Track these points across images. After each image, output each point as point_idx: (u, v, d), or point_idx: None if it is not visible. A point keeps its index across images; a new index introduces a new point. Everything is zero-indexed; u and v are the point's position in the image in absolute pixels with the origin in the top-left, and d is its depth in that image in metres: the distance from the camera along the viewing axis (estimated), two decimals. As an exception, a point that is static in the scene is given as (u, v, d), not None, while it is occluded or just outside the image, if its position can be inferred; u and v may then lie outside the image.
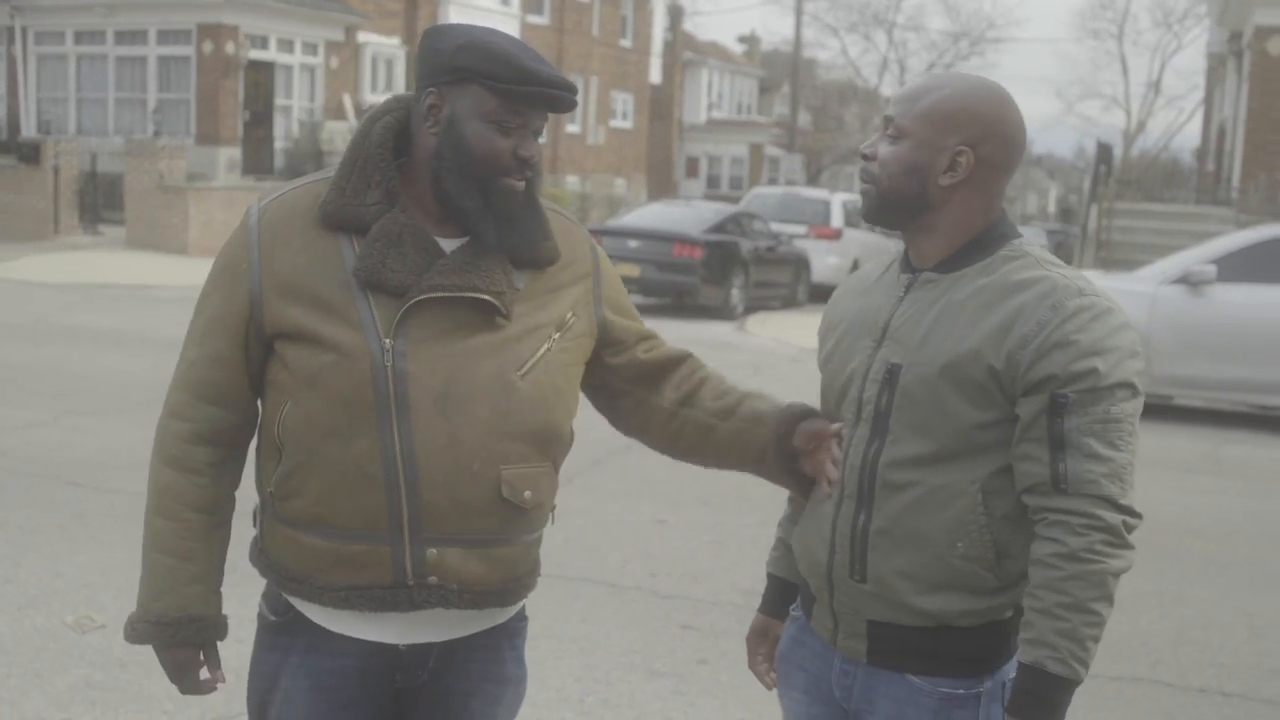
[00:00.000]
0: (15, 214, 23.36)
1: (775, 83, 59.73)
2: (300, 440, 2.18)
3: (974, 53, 60.35)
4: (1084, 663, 2.01)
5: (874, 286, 2.32)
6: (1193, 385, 11.14)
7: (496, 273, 2.20)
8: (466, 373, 2.17)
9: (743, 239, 19.30)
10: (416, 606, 2.20)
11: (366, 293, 2.17)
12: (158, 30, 27.39)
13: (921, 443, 2.12)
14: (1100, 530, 2.01)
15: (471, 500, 2.17)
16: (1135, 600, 6.02)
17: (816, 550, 2.26)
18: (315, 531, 2.20)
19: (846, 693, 2.26)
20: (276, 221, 2.24)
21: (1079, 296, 2.06)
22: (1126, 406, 2.06)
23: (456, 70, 2.16)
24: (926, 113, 2.15)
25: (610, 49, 41.66)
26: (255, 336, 2.23)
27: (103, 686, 4.47)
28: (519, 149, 2.19)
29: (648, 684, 4.78)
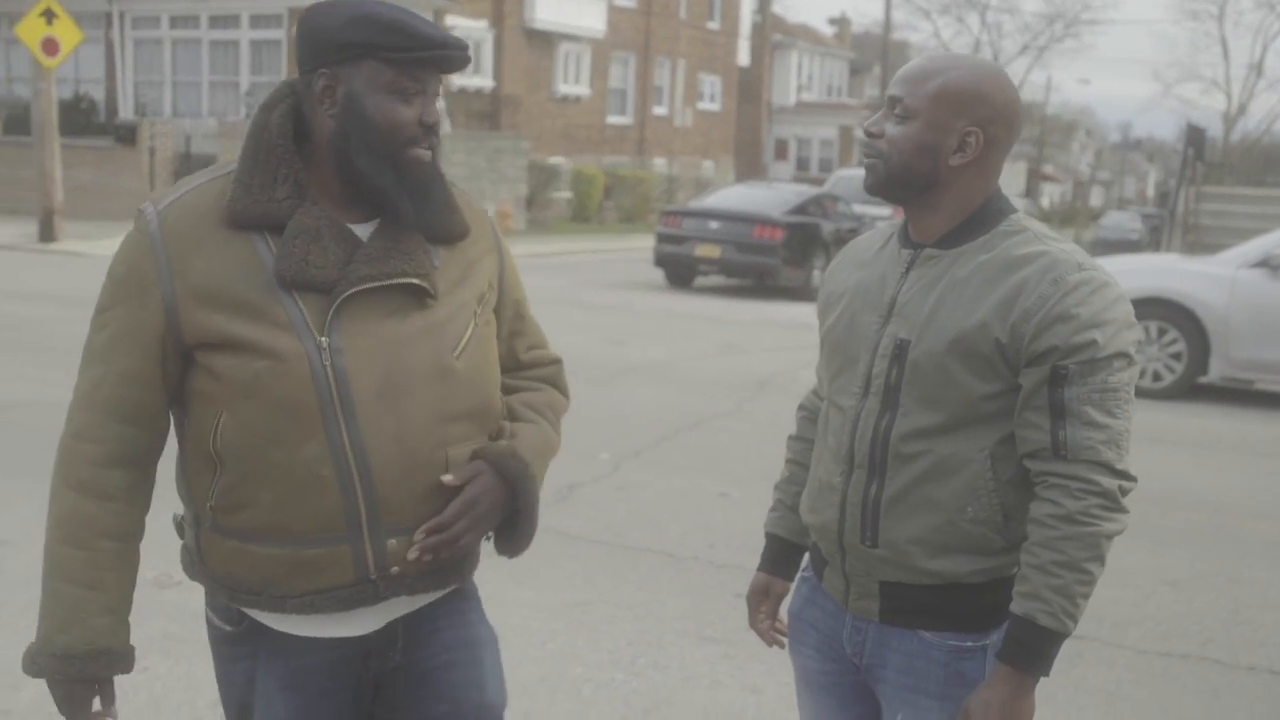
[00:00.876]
0: (112, 194, 23.94)
1: (866, 65, 59.32)
2: (243, 451, 2.10)
3: (1069, 34, 59.61)
4: (1073, 617, 2.10)
5: (874, 260, 2.38)
6: (1272, 370, 10.98)
7: (418, 253, 2.16)
8: (404, 361, 2.13)
9: (824, 220, 19.29)
10: (382, 598, 2.17)
11: (292, 292, 2.09)
12: (250, 15, 27.84)
13: (931, 414, 2.20)
14: (1096, 494, 2.10)
15: (424, 487, 2.15)
16: (1193, 580, 6.03)
17: (827, 517, 2.34)
18: (268, 540, 2.13)
19: (859, 649, 2.35)
20: (181, 225, 2.12)
21: (1078, 271, 2.14)
22: (1123, 376, 2.13)
23: (346, 47, 2.09)
24: (937, 94, 2.20)
25: (698, 31, 41.64)
26: (173, 349, 2.13)
27: (179, 639, 4.65)
28: (423, 116, 2.13)
29: (698, 649, 4.89)
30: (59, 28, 19.09)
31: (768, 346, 13.39)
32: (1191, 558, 6.40)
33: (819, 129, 51.57)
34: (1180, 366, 11.08)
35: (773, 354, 12.78)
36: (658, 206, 31.78)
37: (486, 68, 31.97)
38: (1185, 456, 8.91)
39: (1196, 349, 10.97)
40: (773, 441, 8.44)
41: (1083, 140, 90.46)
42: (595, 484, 7.14)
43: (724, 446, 8.27)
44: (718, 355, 12.53)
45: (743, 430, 8.75)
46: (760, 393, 10.36)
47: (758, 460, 7.85)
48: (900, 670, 2.29)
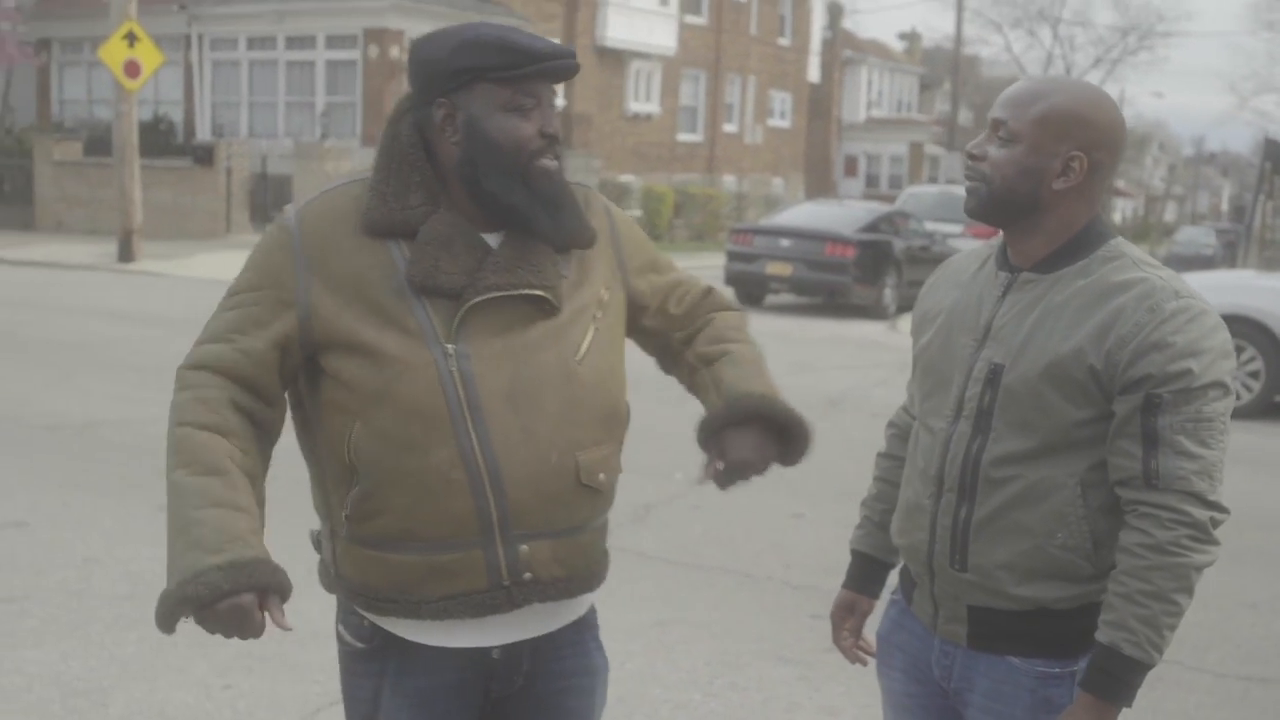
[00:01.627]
0: (190, 213, 24.36)
1: (936, 80, 59.07)
2: (376, 458, 2.14)
3: (1142, 47, 58.98)
4: (1159, 648, 2.11)
5: (971, 281, 2.38)
6: (1352, 388, 10.85)
7: (546, 265, 2.21)
8: (530, 367, 2.17)
9: (896, 238, 19.23)
10: (516, 605, 2.20)
11: (421, 298, 2.15)
12: (325, 35, 28.23)
13: (1023, 439, 2.20)
14: (1187, 525, 2.10)
15: (555, 491, 2.18)
16: (1272, 603, 5.99)
17: (916, 539, 2.36)
18: (403, 548, 2.17)
19: (946, 673, 2.37)
20: (320, 226, 2.20)
21: (1175, 299, 2.14)
22: (1218, 406, 2.13)
23: (459, 73, 2.15)
24: (1041, 118, 2.20)
25: (768, 48, 41.68)
26: (298, 346, 2.18)
27: (260, 657, 4.73)
28: (543, 128, 2.19)
29: (775, 670, 4.92)
30: (140, 50, 19.49)
31: (839, 365, 13.38)
32: (1271, 579, 6.35)
33: (889, 145, 51.38)
34: (1258, 385, 10.96)
35: (844, 372, 12.76)
36: (727, 224, 31.79)
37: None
38: (1264, 476, 8.81)
39: (1275, 367, 10.86)
40: (846, 460, 8.46)
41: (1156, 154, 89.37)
42: (670, 504, 7.18)
43: (797, 466, 8.26)
44: (789, 373, 12.52)
45: (815, 449, 8.71)
46: (833, 411, 10.36)
47: (831, 479, 7.85)
48: (988, 695, 2.31)
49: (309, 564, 5.83)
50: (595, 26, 33.03)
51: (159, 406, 9.72)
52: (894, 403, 10.23)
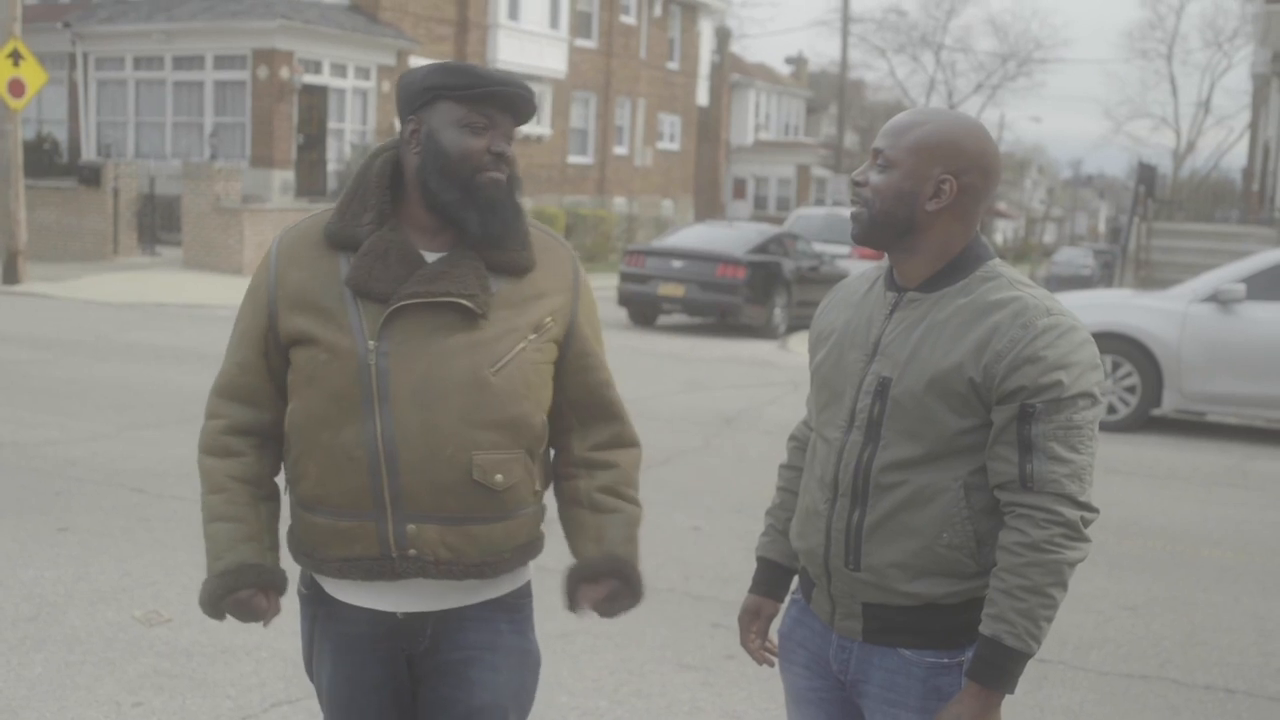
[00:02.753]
0: (76, 235, 23.92)
1: (823, 104, 59.91)
2: (301, 431, 2.50)
3: (1021, 73, 60.39)
4: (1036, 639, 2.26)
5: (862, 301, 2.54)
6: (1223, 401, 11.29)
7: (470, 278, 2.46)
8: (442, 369, 2.43)
9: (785, 259, 19.52)
10: (399, 576, 2.48)
11: (357, 301, 2.45)
12: (214, 56, 27.90)
13: (910, 447, 2.36)
14: (1060, 524, 2.26)
15: (445, 482, 2.44)
16: (1149, 605, 6.25)
17: (813, 542, 2.51)
18: (317, 510, 2.51)
19: (844, 666, 2.52)
20: (291, 246, 2.56)
21: (1047, 316, 2.30)
22: (1087, 414, 2.30)
23: (426, 91, 2.47)
24: (913, 145, 2.37)
25: (658, 71, 42.01)
26: (274, 345, 2.53)
27: (170, 674, 4.77)
28: (491, 145, 2.47)
29: (678, 676, 5.05)
30: (25, 69, 19.17)
31: (732, 383, 13.58)
32: (1149, 583, 6.63)
33: (776, 168, 51.99)
34: (1134, 399, 11.34)
35: (737, 390, 12.97)
36: (618, 246, 31.98)
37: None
38: (1141, 486, 9.16)
39: (1150, 382, 11.25)
40: (741, 476, 8.66)
41: (1035, 177, 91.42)
42: (571, 519, 7.24)
43: (693, 481, 8.43)
44: (683, 392, 12.71)
45: (711, 465, 8.93)
46: (727, 428, 10.54)
47: (727, 494, 8.04)
48: (882, 686, 2.45)
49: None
50: (486, 49, 33.06)
51: (52, 429, 9.61)
52: (786, 420, 10.62)
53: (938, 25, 62.21)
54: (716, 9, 46.03)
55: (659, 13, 41.75)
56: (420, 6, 31.06)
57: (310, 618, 2.66)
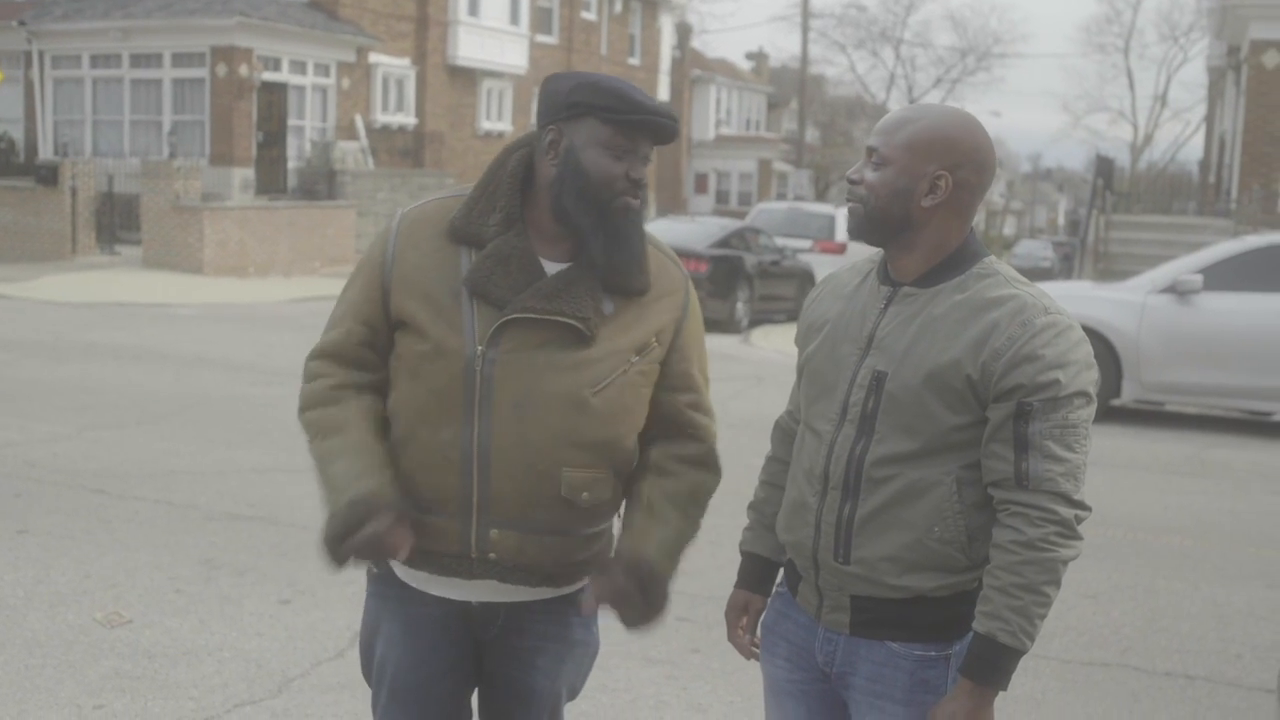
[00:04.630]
0: (34, 235, 23.70)
1: (783, 99, 60.02)
2: (401, 419, 2.52)
3: (980, 68, 60.69)
4: (1030, 636, 2.27)
5: (854, 294, 2.53)
6: (1181, 391, 11.40)
7: (585, 299, 2.46)
8: (544, 385, 2.45)
9: (747, 254, 19.57)
10: (474, 576, 2.53)
11: (473, 301, 2.46)
12: (172, 53, 27.73)
13: (905, 442, 2.36)
14: (1055, 523, 2.27)
15: (533, 494, 2.47)
16: (1110, 593, 6.31)
17: (802, 535, 2.50)
18: (403, 499, 2.49)
19: (829, 659, 2.51)
20: (413, 226, 2.55)
21: (1045, 315, 2.31)
22: (1082, 413, 2.31)
23: (573, 106, 2.45)
24: (908, 142, 2.38)
25: (619, 67, 41.97)
26: (383, 321, 2.54)
27: (132, 676, 4.74)
28: (630, 172, 2.46)
29: (643, 670, 5.06)
30: (-21, 69, 18.96)
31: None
32: (1109, 571, 6.68)
33: (738, 162, 52.04)
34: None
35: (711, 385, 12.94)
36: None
37: (409, 105, 32.03)
38: (1101, 476, 9.20)
39: (1109, 373, 11.33)
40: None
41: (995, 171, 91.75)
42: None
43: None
44: (647, 387, 12.68)
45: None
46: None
47: (691, 489, 8.03)
48: (869, 678, 2.45)
49: (179, 585, 5.84)
50: (446, 45, 32.96)
51: (11, 430, 9.52)
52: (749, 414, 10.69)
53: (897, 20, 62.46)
54: (677, 4, 46.06)
55: (619, 9, 41.74)
56: (379, 3, 30.93)
57: (380, 597, 2.68)
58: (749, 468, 3.15)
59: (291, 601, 5.63)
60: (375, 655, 2.69)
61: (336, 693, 4.70)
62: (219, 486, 7.61)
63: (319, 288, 21.55)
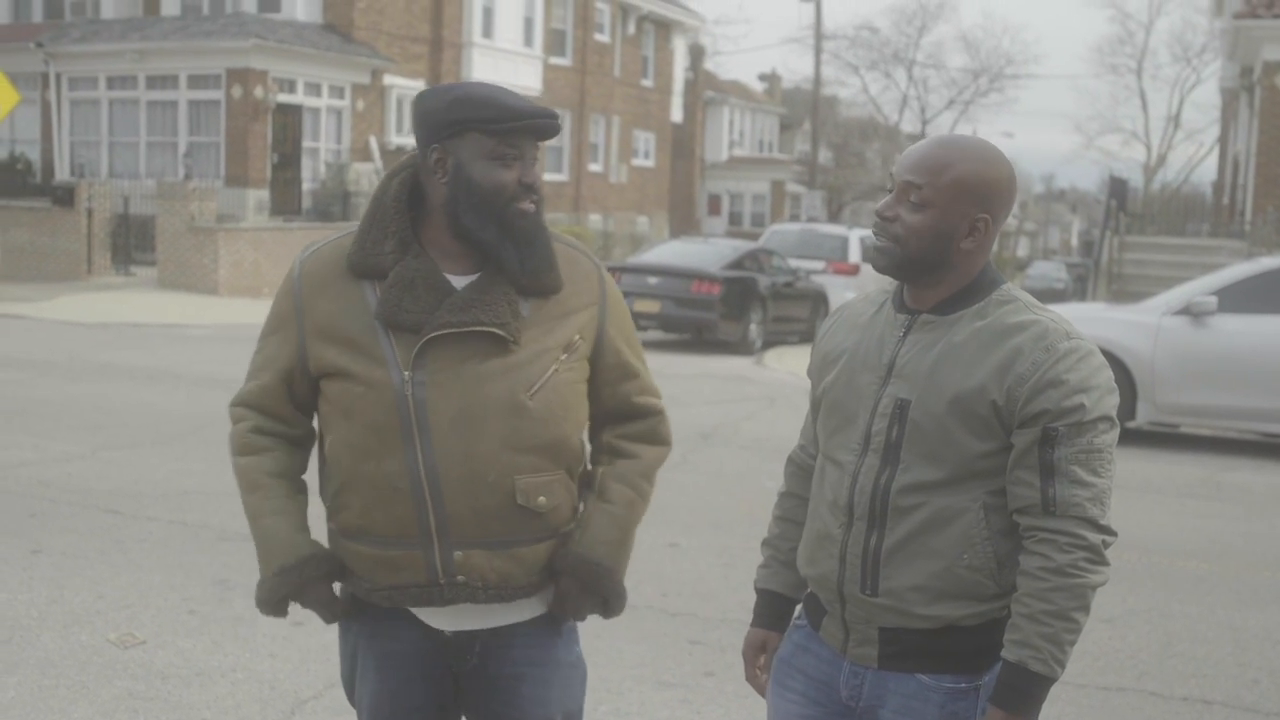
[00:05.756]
0: (50, 255, 23.81)
1: (796, 120, 60.07)
2: (342, 462, 2.51)
3: (993, 89, 60.59)
4: (1061, 663, 2.27)
5: (870, 323, 2.51)
6: (1196, 414, 11.36)
7: (501, 305, 2.47)
8: (479, 396, 2.44)
9: (761, 275, 19.56)
10: (449, 601, 2.50)
11: (388, 332, 2.46)
12: (188, 75, 27.87)
13: (930, 469, 2.34)
14: (1083, 549, 2.26)
15: (489, 507, 2.46)
16: (1126, 617, 6.27)
17: (826, 568, 2.46)
18: (360, 540, 2.53)
19: (855, 693, 2.46)
20: (314, 273, 2.55)
21: (1067, 340, 2.31)
22: (1106, 438, 2.31)
23: (453, 124, 2.44)
24: (952, 185, 2.34)
25: (632, 89, 42.09)
26: (301, 375, 2.56)
27: (145, 697, 4.74)
28: (522, 177, 2.47)
29: (657, 694, 5.04)
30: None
31: (708, 399, 13.58)
32: (1125, 595, 6.64)
33: (751, 184, 52.11)
34: (1109, 412, 11.38)
35: (714, 407, 12.97)
36: (594, 262, 31.91)
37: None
38: (1116, 498, 9.05)
39: (1124, 395, 11.29)
40: (718, 492, 8.66)
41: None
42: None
43: (671, 497, 8.39)
44: (660, 408, 12.67)
45: (689, 481, 8.88)
46: (704, 444, 10.54)
47: (704, 510, 8.03)
48: (898, 711, 2.41)
49: (193, 605, 5.86)
50: (460, 68, 33.08)
51: (26, 450, 9.54)
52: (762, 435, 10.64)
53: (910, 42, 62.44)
54: (690, 27, 46.16)
55: (633, 30, 41.85)
56: (394, 25, 31.06)
57: (354, 634, 2.67)
58: (763, 491, 3.15)
59: (305, 623, 5.61)
60: (355, 690, 2.71)
61: (349, 715, 4.65)
62: (232, 507, 7.57)
63: (333, 308, 21.52)
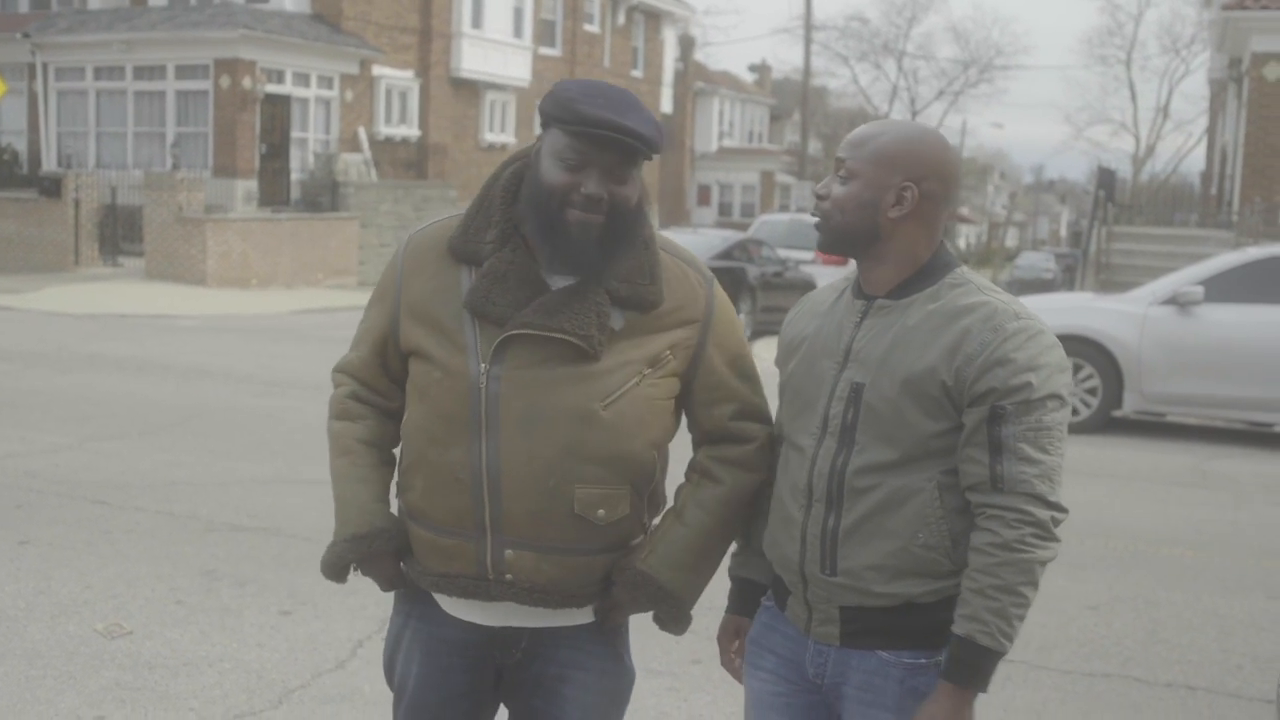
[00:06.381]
0: (37, 246, 23.77)
1: (786, 111, 60.11)
2: (411, 443, 2.52)
3: (983, 80, 60.75)
4: (1009, 638, 2.29)
5: (830, 310, 2.57)
6: (1183, 403, 11.41)
7: (589, 314, 2.41)
8: (550, 400, 2.40)
9: (750, 265, 19.59)
10: (493, 599, 2.48)
11: (475, 321, 2.44)
12: (175, 65, 27.79)
13: (885, 451, 2.38)
14: (1030, 525, 2.29)
15: (546, 512, 2.42)
16: (1111, 604, 6.30)
17: (788, 550, 2.51)
18: (419, 522, 2.53)
19: (820, 671, 2.52)
20: (418, 252, 2.55)
21: (1015, 320, 2.34)
22: (1056, 416, 2.33)
23: (545, 116, 2.43)
24: (874, 155, 2.42)
25: (621, 79, 41.99)
26: (394, 350, 2.57)
27: (132, 687, 4.74)
28: (583, 185, 2.38)
29: (644, 681, 5.01)
30: (-17, 82, 19.03)
31: (697, 389, 13.55)
32: (1110, 582, 6.68)
33: (741, 174, 52.12)
34: (1096, 401, 11.45)
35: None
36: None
37: (412, 117, 32.07)
38: (1102, 487, 9.23)
39: (1111, 384, 11.35)
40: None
41: (997, 183, 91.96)
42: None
43: (659, 487, 8.42)
44: (649, 398, 12.67)
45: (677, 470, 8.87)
46: (692, 434, 10.53)
47: (693, 500, 8.02)
48: (860, 688, 2.46)
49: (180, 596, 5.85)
50: (450, 58, 33.03)
51: (13, 441, 9.52)
52: (753, 422, 10.21)
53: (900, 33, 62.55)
54: (680, 17, 46.12)
55: (622, 21, 41.80)
56: (383, 15, 30.99)
57: (404, 615, 2.66)
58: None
59: (292, 613, 5.63)
60: (396, 669, 2.68)
61: (337, 704, 4.70)
62: (220, 497, 7.62)
63: (321, 299, 21.58)
